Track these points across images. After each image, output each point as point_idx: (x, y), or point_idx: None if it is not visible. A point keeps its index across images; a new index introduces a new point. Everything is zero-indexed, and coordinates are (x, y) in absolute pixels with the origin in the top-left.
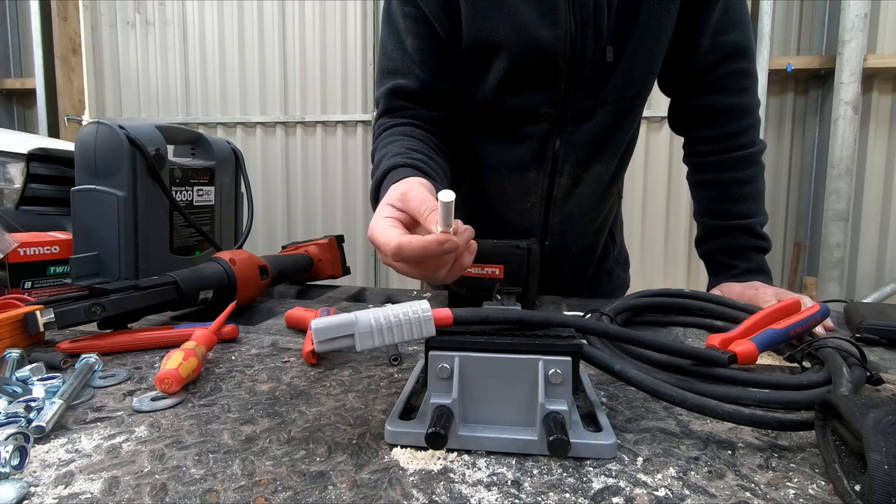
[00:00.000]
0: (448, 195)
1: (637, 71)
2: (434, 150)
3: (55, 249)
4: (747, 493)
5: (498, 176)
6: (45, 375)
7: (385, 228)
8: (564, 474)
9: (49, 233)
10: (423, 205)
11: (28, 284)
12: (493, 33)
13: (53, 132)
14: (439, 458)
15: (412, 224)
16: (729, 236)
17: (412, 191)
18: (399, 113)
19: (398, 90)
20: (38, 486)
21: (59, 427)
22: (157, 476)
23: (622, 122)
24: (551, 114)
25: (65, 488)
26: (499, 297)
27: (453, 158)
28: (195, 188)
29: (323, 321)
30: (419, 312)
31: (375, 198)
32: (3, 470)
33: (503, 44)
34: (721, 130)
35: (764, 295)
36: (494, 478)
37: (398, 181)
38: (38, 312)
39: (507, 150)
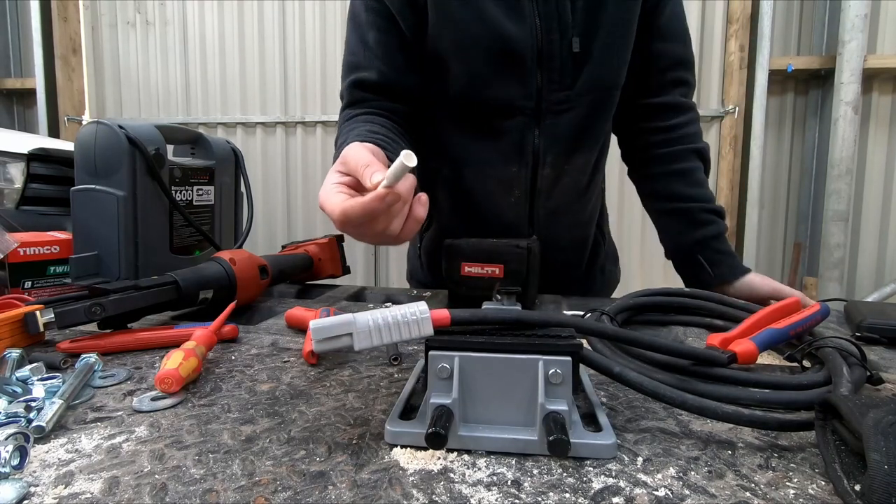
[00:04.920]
0: (411, 160)
1: (610, 63)
2: (397, 135)
3: (55, 249)
4: (747, 493)
5: (480, 172)
6: (45, 375)
7: (330, 195)
8: (564, 474)
9: (49, 233)
10: (359, 162)
11: (28, 284)
12: (461, 28)
13: (53, 132)
14: (439, 458)
15: (359, 186)
16: (716, 222)
17: (350, 151)
18: (362, 104)
19: (360, 83)
20: (38, 486)
21: (59, 427)
22: (157, 476)
23: (599, 113)
24: (527, 107)
25: (65, 488)
26: (498, 296)
27: (430, 160)
28: (195, 188)
29: (321, 321)
30: (417, 313)
31: None
32: (3, 470)
33: (472, 39)
34: (671, 122)
35: (784, 288)
36: (494, 478)
37: None
38: (38, 312)
39: (487, 145)
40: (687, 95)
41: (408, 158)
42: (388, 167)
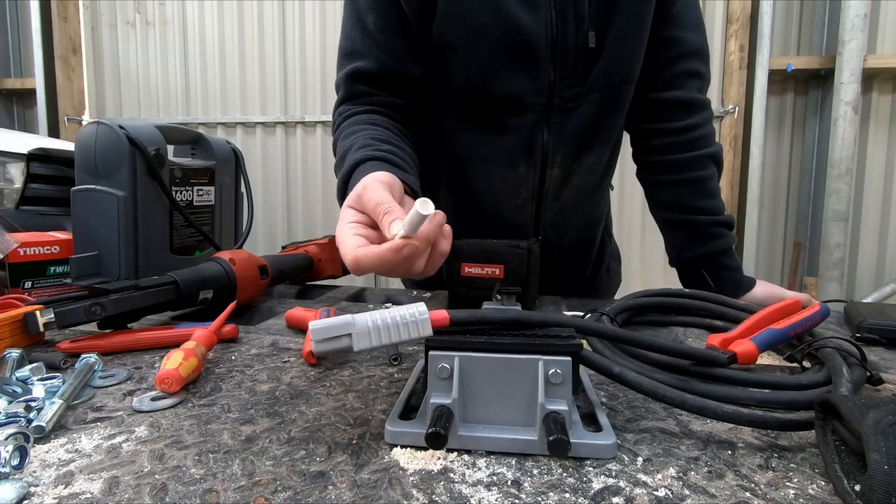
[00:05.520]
0: (427, 208)
1: (623, 56)
2: (400, 137)
3: (55, 249)
4: (747, 493)
5: (485, 172)
6: (45, 375)
7: (346, 238)
8: (564, 474)
9: (49, 233)
10: (378, 206)
11: (28, 284)
12: (472, 16)
13: (53, 132)
14: (439, 458)
15: (375, 224)
16: (724, 236)
17: (367, 191)
18: (360, 100)
19: (358, 73)
20: (38, 486)
21: (59, 427)
22: (157, 476)
23: (611, 110)
24: (538, 103)
25: (65, 488)
26: (499, 297)
27: (431, 158)
28: (195, 188)
29: (320, 322)
30: (416, 314)
31: (343, 195)
32: (3, 470)
33: (484, 27)
34: (684, 122)
35: (788, 294)
36: (494, 478)
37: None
38: (38, 312)
39: (493, 144)
40: (701, 90)
41: (423, 207)
42: (406, 196)
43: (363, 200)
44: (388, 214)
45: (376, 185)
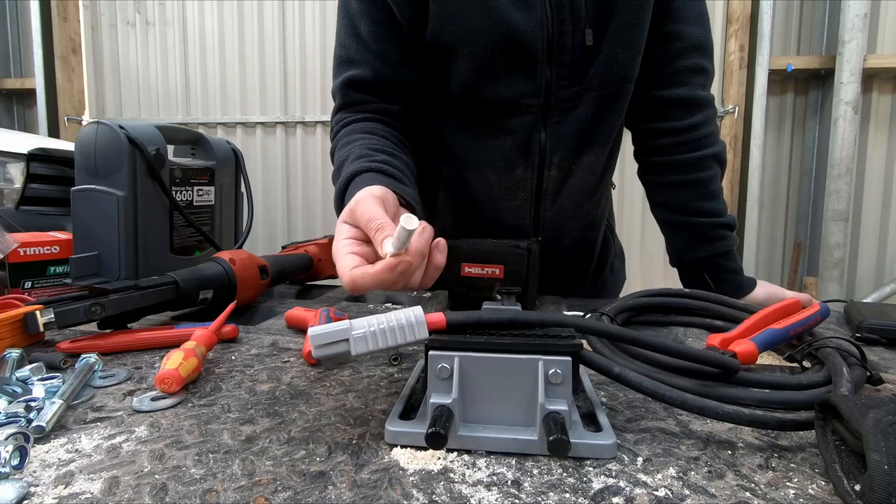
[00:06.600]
0: (411, 223)
1: (621, 54)
2: (398, 145)
3: (55, 249)
4: (747, 493)
5: (482, 174)
6: (45, 375)
7: (341, 256)
8: (564, 474)
9: (49, 233)
10: (370, 223)
11: (28, 284)
12: (465, 20)
13: (53, 132)
14: (439, 458)
15: (369, 239)
16: (726, 238)
17: (360, 206)
18: (357, 107)
19: (353, 82)
20: (38, 486)
21: (59, 427)
22: (157, 476)
23: (609, 109)
24: (535, 104)
25: (65, 488)
26: (499, 297)
27: (430, 158)
28: (195, 188)
29: (319, 328)
30: (412, 318)
31: (340, 206)
32: (3, 470)
33: (477, 31)
34: (686, 122)
35: (788, 294)
36: (494, 478)
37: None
38: (38, 312)
39: (490, 146)
40: (705, 86)
41: (408, 222)
42: (401, 208)
43: (356, 216)
44: (380, 231)
45: (369, 200)
